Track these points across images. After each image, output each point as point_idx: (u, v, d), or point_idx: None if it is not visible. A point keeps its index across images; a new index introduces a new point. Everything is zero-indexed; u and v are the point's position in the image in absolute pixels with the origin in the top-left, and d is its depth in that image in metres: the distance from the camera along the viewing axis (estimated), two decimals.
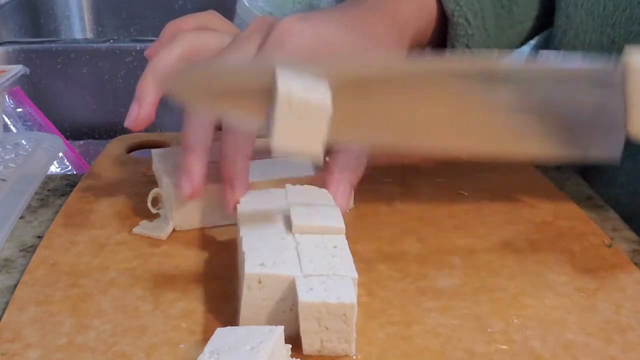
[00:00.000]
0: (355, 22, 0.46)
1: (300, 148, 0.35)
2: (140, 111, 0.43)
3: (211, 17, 0.49)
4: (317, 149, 0.35)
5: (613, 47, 0.53)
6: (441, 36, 0.54)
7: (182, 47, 0.44)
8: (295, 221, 0.38)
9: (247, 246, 0.36)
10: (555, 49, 0.59)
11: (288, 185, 0.42)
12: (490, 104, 0.39)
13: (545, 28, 0.62)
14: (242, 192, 0.42)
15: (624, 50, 0.39)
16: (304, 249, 0.36)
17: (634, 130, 0.40)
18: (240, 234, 0.37)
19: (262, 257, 0.35)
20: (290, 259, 0.35)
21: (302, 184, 0.43)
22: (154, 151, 0.48)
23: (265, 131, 0.36)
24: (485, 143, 0.40)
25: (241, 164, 0.42)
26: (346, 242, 0.37)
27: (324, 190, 0.43)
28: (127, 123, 0.43)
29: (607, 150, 0.41)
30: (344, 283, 0.34)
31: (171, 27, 0.48)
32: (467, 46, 0.53)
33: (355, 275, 0.34)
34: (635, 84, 0.39)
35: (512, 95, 0.39)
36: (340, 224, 0.38)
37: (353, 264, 0.35)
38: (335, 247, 0.37)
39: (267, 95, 0.35)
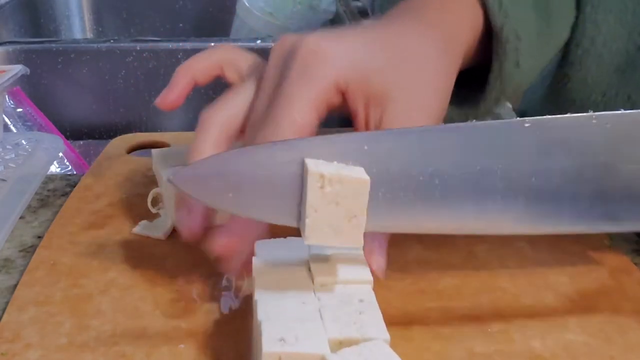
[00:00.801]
0: (394, 40, 0.39)
1: (338, 240, 0.31)
2: (169, 95, 0.42)
3: (226, 55, 0.43)
4: (357, 238, 0.32)
5: (638, 54, 0.52)
6: (486, 54, 0.46)
7: (212, 133, 0.38)
8: (317, 278, 0.34)
9: (264, 314, 0.31)
10: (581, 57, 0.55)
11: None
12: (549, 172, 0.35)
13: None
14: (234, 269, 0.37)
15: None
16: (327, 306, 0.32)
17: None
18: (255, 297, 0.33)
19: (282, 330, 0.30)
20: (314, 329, 0.31)
21: None
22: (154, 151, 0.48)
23: (298, 226, 0.32)
24: (544, 219, 0.36)
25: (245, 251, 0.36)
26: (373, 293, 0.34)
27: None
28: (156, 101, 0.42)
29: None
30: (378, 349, 0.30)
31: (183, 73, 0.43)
32: (517, 65, 0.45)
33: (387, 336, 0.31)
34: None
35: (573, 159, 0.35)
36: (367, 276, 0.34)
37: (383, 321, 0.31)
38: (361, 300, 0.33)
39: (295, 184, 0.32)
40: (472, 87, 0.47)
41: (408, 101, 0.37)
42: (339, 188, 0.31)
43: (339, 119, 0.40)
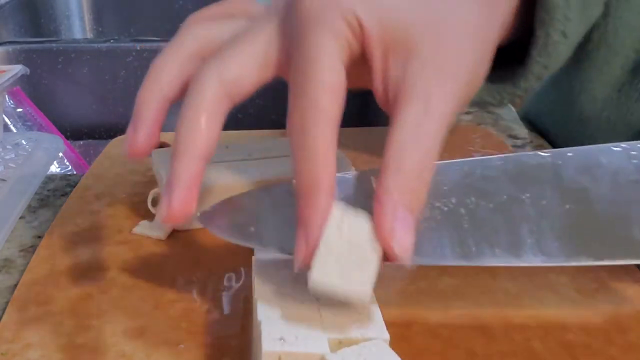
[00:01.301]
0: None
1: (346, 286, 0.30)
2: (137, 134, 0.34)
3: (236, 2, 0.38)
4: (366, 288, 0.30)
5: None
6: (526, 25, 0.41)
7: (185, 47, 0.35)
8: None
9: (264, 314, 0.31)
10: (592, 51, 0.53)
11: None
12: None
13: None
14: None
15: None
16: (327, 306, 0.32)
17: None
18: (255, 297, 0.33)
19: (282, 330, 0.30)
20: (314, 328, 0.30)
21: None
22: (154, 151, 0.48)
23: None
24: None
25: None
26: (373, 294, 0.33)
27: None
28: (125, 151, 0.34)
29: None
30: (378, 349, 0.30)
31: (188, 20, 0.38)
32: (564, 35, 0.41)
33: (387, 336, 0.30)
34: None
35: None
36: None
37: (382, 321, 0.31)
38: None
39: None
40: (507, 66, 0.43)
41: (438, 59, 0.31)
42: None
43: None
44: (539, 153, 0.33)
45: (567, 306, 0.39)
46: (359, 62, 0.32)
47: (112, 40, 1.00)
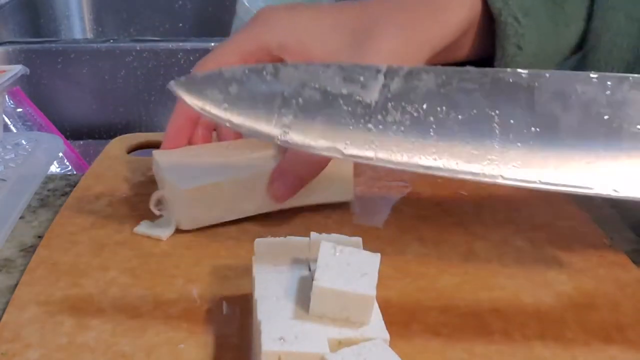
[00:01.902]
0: (350, 15, 0.42)
1: (350, 289, 0.31)
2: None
3: None
4: (369, 291, 0.31)
5: None
6: (488, 39, 0.49)
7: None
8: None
9: (264, 314, 0.31)
10: (588, 55, 0.56)
11: (312, 234, 0.37)
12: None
13: None
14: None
15: None
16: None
17: None
18: (255, 297, 0.33)
19: (282, 329, 0.30)
20: (314, 328, 0.31)
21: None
22: (155, 152, 0.48)
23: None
24: None
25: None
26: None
27: (356, 238, 0.37)
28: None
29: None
30: (378, 349, 0.30)
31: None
32: (519, 47, 0.48)
33: (387, 336, 0.31)
34: None
35: None
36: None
37: (382, 321, 0.32)
38: None
39: None
40: None
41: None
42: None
43: None
44: (518, 71, 0.35)
45: (567, 305, 0.39)
46: None
47: (112, 40, 1.00)
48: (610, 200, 0.51)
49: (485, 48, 0.49)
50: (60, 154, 0.70)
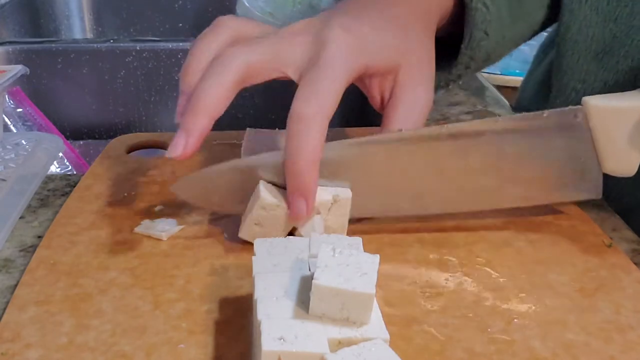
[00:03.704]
0: (390, 17, 0.46)
1: (350, 288, 0.31)
2: (188, 142, 0.41)
3: (237, 23, 0.46)
4: (369, 289, 0.31)
5: (615, 41, 0.54)
6: (458, 25, 0.53)
7: (233, 73, 0.42)
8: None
9: (264, 314, 0.32)
10: (559, 45, 0.60)
11: (312, 234, 0.38)
12: (466, 165, 0.44)
13: (554, 21, 0.62)
14: (312, 200, 0.41)
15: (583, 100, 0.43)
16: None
17: (608, 169, 0.44)
18: (255, 297, 0.33)
19: (282, 329, 0.30)
20: (314, 328, 0.31)
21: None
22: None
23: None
24: (469, 201, 0.46)
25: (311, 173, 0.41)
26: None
27: (356, 238, 0.38)
28: (174, 154, 0.41)
29: (588, 192, 0.45)
30: (378, 349, 0.30)
31: (201, 43, 0.44)
32: (486, 33, 0.52)
33: (387, 336, 0.31)
34: (598, 125, 0.43)
35: (485, 154, 0.44)
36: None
37: (382, 321, 0.32)
38: None
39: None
40: (447, 56, 0.54)
41: (414, 66, 0.45)
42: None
43: (338, 118, 0.43)
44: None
45: (567, 306, 0.39)
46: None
47: (112, 40, 1.00)
48: (610, 201, 0.51)
49: (452, 29, 0.54)
50: (60, 154, 0.70)
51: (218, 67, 0.41)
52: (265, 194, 0.41)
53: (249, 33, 0.45)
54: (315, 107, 0.40)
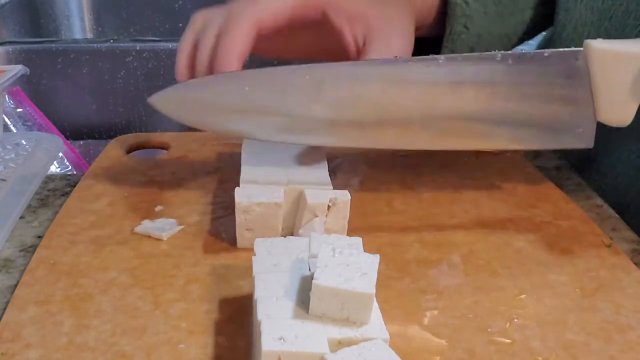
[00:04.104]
0: None
1: (350, 288, 0.31)
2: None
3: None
4: (368, 289, 0.32)
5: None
6: (442, 19, 0.55)
7: (250, 15, 0.44)
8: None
9: (264, 314, 0.31)
10: (555, 43, 0.60)
11: (312, 234, 0.38)
12: (459, 98, 0.43)
13: (549, 24, 0.62)
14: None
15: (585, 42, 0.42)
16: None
17: (602, 117, 0.43)
18: (255, 297, 0.33)
19: (282, 329, 0.30)
20: (314, 328, 0.31)
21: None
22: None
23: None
24: (461, 138, 0.45)
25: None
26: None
27: (356, 238, 0.38)
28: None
29: (580, 140, 0.44)
30: (378, 349, 0.30)
31: (183, 42, 0.47)
32: (466, 27, 0.55)
33: (387, 336, 0.31)
34: (599, 69, 0.41)
35: (479, 89, 0.43)
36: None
37: (382, 321, 0.32)
38: None
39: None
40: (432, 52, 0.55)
41: (387, 15, 0.46)
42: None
43: None
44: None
45: (567, 306, 0.39)
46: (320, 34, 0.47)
47: (112, 40, 1.00)
48: (614, 200, 0.51)
49: (438, 29, 0.56)
50: (60, 154, 0.70)
51: (230, 22, 0.44)
52: (241, 197, 0.41)
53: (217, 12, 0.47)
54: (249, 7, 0.43)
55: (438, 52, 0.57)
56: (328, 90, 0.42)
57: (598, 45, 0.42)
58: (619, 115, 0.43)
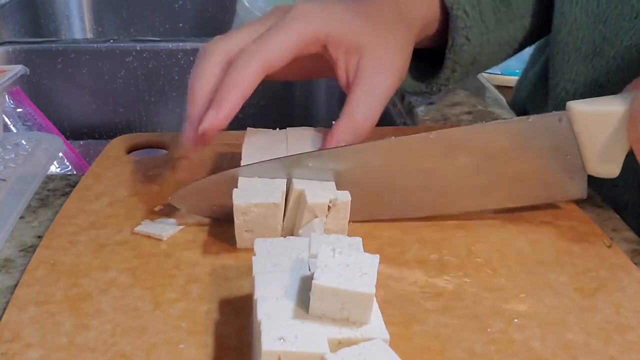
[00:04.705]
0: (365, 7, 0.49)
1: (350, 288, 0.31)
2: (218, 115, 0.43)
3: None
4: (368, 289, 0.31)
5: (604, 43, 0.55)
6: (444, 29, 0.56)
7: (259, 58, 0.45)
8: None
9: (264, 313, 0.31)
10: (550, 47, 0.61)
11: (312, 234, 0.38)
12: (454, 166, 0.45)
13: (548, 31, 0.62)
14: (226, 113, 0.43)
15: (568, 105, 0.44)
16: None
17: (592, 171, 0.45)
18: (255, 297, 0.33)
19: (282, 329, 0.30)
20: (314, 328, 0.31)
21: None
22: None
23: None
24: (458, 203, 0.46)
25: (235, 92, 0.44)
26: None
27: (356, 238, 0.37)
28: (205, 125, 0.43)
29: (573, 192, 0.47)
30: (378, 349, 0.30)
31: (199, 71, 0.47)
32: (467, 38, 0.55)
33: (387, 336, 0.31)
34: (582, 129, 0.44)
35: (472, 156, 0.45)
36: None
37: (382, 321, 0.32)
38: None
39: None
40: (434, 64, 0.58)
41: (379, 51, 0.47)
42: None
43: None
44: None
45: (567, 306, 0.39)
46: (321, 60, 0.48)
47: (112, 41, 1.00)
48: (611, 201, 0.51)
49: (440, 39, 0.56)
50: (60, 154, 0.70)
51: (241, 61, 0.44)
52: (238, 199, 0.41)
53: (236, 45, 0.47)
54: (262, 46, 0.44)
55: (437, 62, 0.58)
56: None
57: (579, 107, 0.44)
58: (607, 168, 0.45)
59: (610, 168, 0.45)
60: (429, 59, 0.59)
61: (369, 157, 0.45)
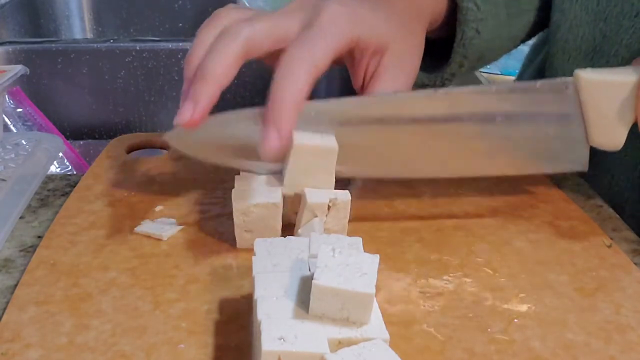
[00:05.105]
0: (385, 6, 0.48)
1: (350, 288, 0.31)
2: (196, 109, 0.41)
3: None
4: (368, 289, 0.31)
5: (605, 41, 0.55)
6: (452, 22, 0.55)
7: (237, 43, 0.42)
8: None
9: (264, 313, 0.31)
10: (549, 44, 0.60)
11: (312, 234, 0.38)
12: (458, 128, 0.45)
13: (545, 27, 0.62)
14: (285, 134, 0.41)
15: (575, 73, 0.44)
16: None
17: (595, 142, 0.44)
18: (255, 297, 0.33)
19: (282, 329, 0.30)
20: (314, 328, 0.31)
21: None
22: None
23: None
24: (460, 167, 0.47)
25: (290, 106, 0.41)
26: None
27: (356, 238, 0.37)
28: (181, 121, 0.41)
29: (574, 164, 0.46)
30: (378, 349, 0.30)
31: (203, 33, 0.45)
32: (477, 31, 0.54)
33: (387, 336, 0.31)
34: (588, 98, 0.43)
35: (477, 118, 0.45)
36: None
37: (382, 321, 0.32)
38: None
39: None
40: (441, 57, 0.57)
41: (400, 51, 0.47)
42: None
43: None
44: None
45: (567, 306, 0.39)
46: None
47: (112, 41, 1.00)
48: (610, 201, 0.51)
49: (448, 30, 0.56)
50: (60, 154, 0.70)
51: (223, 40, 0.42)
52: (237, 201, 0.41)
53: (247, 16, 0.45)
54: (306, 52, 0.42)
55: (440, 53, 0.57)
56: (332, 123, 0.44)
57: (587, 75, 0.43)
58: (610, 140, 0.44)
59: (613, 140, 0.44)
60: (431, 53, 0.57)
61: (372, 109, 0.44)
